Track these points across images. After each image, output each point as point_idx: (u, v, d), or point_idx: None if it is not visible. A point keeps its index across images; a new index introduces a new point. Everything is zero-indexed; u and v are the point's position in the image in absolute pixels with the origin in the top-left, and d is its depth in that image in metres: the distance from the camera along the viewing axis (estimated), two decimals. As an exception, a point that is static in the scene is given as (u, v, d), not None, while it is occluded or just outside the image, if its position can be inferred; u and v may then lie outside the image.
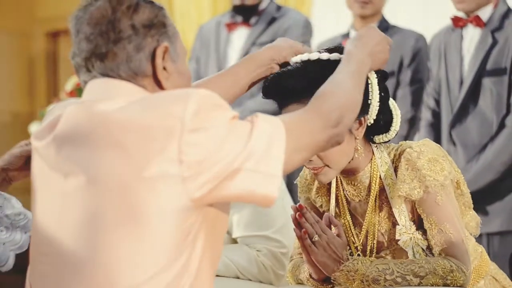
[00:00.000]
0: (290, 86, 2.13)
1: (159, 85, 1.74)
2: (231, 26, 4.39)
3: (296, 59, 2.16)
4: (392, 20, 4.42)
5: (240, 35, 4.38)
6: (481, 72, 3.63)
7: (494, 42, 3.64)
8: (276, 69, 2.19)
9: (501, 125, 3.59)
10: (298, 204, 2.19)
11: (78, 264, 1.63)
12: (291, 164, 1.70)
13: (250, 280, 2.66)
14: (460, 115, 3.67)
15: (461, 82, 3.69)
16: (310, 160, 2.16)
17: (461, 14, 3.78)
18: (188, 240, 1.63)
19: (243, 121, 1.68)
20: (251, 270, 2.64)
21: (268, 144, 1.65)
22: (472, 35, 3.73)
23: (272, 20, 4.35)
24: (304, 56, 2.16)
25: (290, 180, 3.20)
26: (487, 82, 3.62)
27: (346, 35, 4.36)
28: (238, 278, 2.67)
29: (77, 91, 5.22)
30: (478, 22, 3.70)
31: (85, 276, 1.62)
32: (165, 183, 1.59)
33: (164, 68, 1.74)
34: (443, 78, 3.80)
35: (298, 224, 2.16)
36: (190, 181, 1.60)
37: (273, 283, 2.67)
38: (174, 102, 1.62)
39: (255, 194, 1.64)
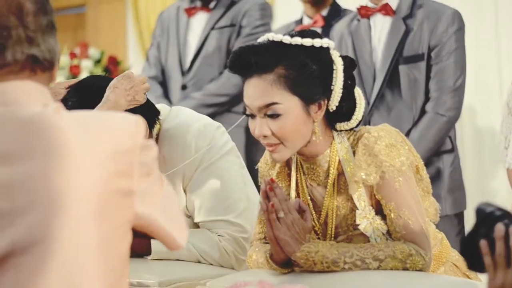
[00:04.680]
0: (253, 60, 2.19)
1: (53, 77, 1.71)
2: (190, 11, 4.38)
3: (263, 38, 2.24)
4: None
5: (200, 20, 4.37)
6: (397, 60, 3.60)
7: (408, 29, 3.60)
8: None
9: (422, 112, 3.57)
10: (270, 177, 2.22)
11: None
12: None
13: (212, 264, 2.67)
14: (378, 104, 3.63)
15: (374, 72, 3.65)
16: (265, 136, 2.20)
17: (364, 2, 3.74)
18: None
19: None
20: (213, 255, 2.65)
21: (175, 199, 1.73)
22: (382, 24, 3.68)
23: (231, 4, 4.34)
24: (270, 36, 2.23)
25: (252, 165, 3.22)
26: (404, 69, 3.59)
27: (300, 22, 4.38)
28: (199, 262, 2.68)
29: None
30: (387, 10, 3.66)
31: None
32: (124, 198, 1.59)
33: None
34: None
35: (266, 197, 2.19)
36: (137, 196, 1.61)
37: (234, 268, 2.68)
38: (127, 122, 1.63)
39: (169, 236, 1.68)
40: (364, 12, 3.71)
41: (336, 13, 4.32)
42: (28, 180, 1.53)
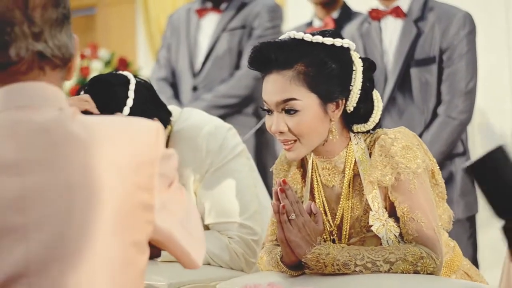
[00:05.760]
0: (273, 56, 2.20)
1: (69, 75, 1.62)
2: (201, 12, 4.38)
3: (285, 35, 2.25)
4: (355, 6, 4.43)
5: (211, 21, 4.37)
6: (409, 63, 3.59)
7: (419, 32, 3.59)
8: None
9: (433, 115, 3.56)
10: (282, 179, 2.22)
11: None
12: None
13: (221, 266, 2.67)
14: (389, 108, 3.61)
15: (385, 75, 3.63)
16: (282, 132, 2.20)
17: (375, 4, 3.74)
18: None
19: None
20: (222, 257, 2.65)
21: (197, 214, 1.66)
22: (393, 27, 3.67)
23: (242, 6, 4.34)
24: (291, 33, 2.23)
25: (262, 167, 3.21)
26: (415, 72, 3.58)
27: (310, 24, 4.37)
28: (209, 264, 2.67)
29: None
30: (398, 13, 3.64)
31: None
32: (144, 212, 1.53)
33: None
34: None
35: (278, 199, 2.18)
36: (156, 210, 1.55)
37: (244, 270, 2.67)
38: (147, 130, 1.56)
39: (185, 253, 1.63)
40: (375, 15, 3.70)
41: (347, 15, 4.31)
42: (43, 192, 1.45)
